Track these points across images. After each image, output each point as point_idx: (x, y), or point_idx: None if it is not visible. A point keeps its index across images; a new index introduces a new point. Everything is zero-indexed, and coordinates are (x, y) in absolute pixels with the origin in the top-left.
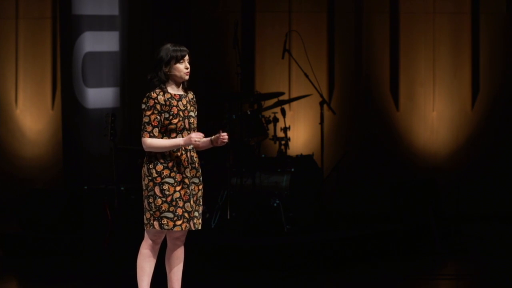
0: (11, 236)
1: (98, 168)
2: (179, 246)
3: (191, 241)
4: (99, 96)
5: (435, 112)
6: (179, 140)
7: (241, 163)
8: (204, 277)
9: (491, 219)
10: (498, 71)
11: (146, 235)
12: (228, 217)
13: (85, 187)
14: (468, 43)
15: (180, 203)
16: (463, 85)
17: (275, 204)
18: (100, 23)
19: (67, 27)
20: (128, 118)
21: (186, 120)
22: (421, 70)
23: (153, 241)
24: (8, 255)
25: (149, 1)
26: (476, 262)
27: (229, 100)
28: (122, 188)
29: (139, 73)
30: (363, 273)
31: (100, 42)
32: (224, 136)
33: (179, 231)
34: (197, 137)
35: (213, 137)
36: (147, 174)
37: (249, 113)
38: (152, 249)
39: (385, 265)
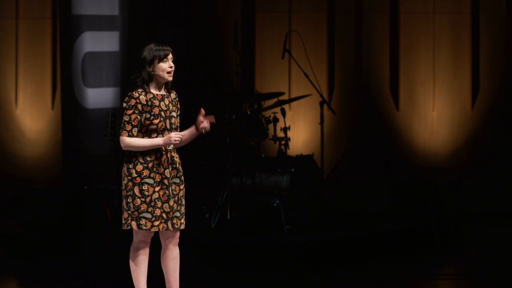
0: (11, 236)
1: (98, 168)
2: (173, 246)
3: (191, 241)
4: (99, 96)
5: (435, 112)
6: (158, 140)
7: (241, 163)
8: (204, 277)
9: (491, 219)
10: (498, 71)
11: (134, 236)
12: (228, 217)
13: (85, 187)
14: (468, 43)
15: (159, 204)
16: (463, 85)
17: (275, 204)
18: (100, 23)
19: (67, 27)
20: None
21: (168, 121)
22: (421, 70)
23: (142, 241)
24: (8, 255)
25: (149, 1)
26: (476, 262)
27: (229, 100)
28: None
29: None
30: (363, 273)
31: (100, 42)
32: (204, 121)
33: (170, 231)
34: (176, 136)
35: (195, 124)
36: (126, 174)
37: (249, 113)
38: (142, 249)
39: (385, 265)
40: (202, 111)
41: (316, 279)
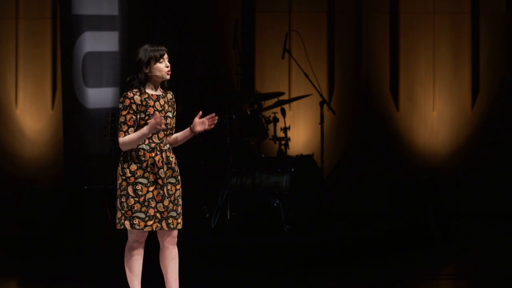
0: (11, 236)
1: (98, 168)
2: (171, 246)
3: (191, 241)
4: (99, 96)
5: (435, 112)
6: (143, 129)
7: (241, 163)
8: (203, 277)
9: (491, 218)
10: (498, 71)
11: (128, 236)
12: (228, 217)
13: (85, 187)
14: (468, 43)
15: (153, 204)
16: (463, 85)
17: (275, 204)
18: (100, 23)
19: (67, 27)
20: None
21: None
22: (421, 70)
23: (136, 241)
24: (8, 255)
25: (149, 1)
26: (476, 262)
27: (229, 100)
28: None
29: None
30: (363, 273)
31: (100, 42)
32: (201, 122)
33: (166, 231)
34: (158, 119)
35: (192, 125)
36: (121, 173)
37: (249, 113)
38: (136, 249)
39: (385, 265)
40: (200, 113)
41: (316, 279)
